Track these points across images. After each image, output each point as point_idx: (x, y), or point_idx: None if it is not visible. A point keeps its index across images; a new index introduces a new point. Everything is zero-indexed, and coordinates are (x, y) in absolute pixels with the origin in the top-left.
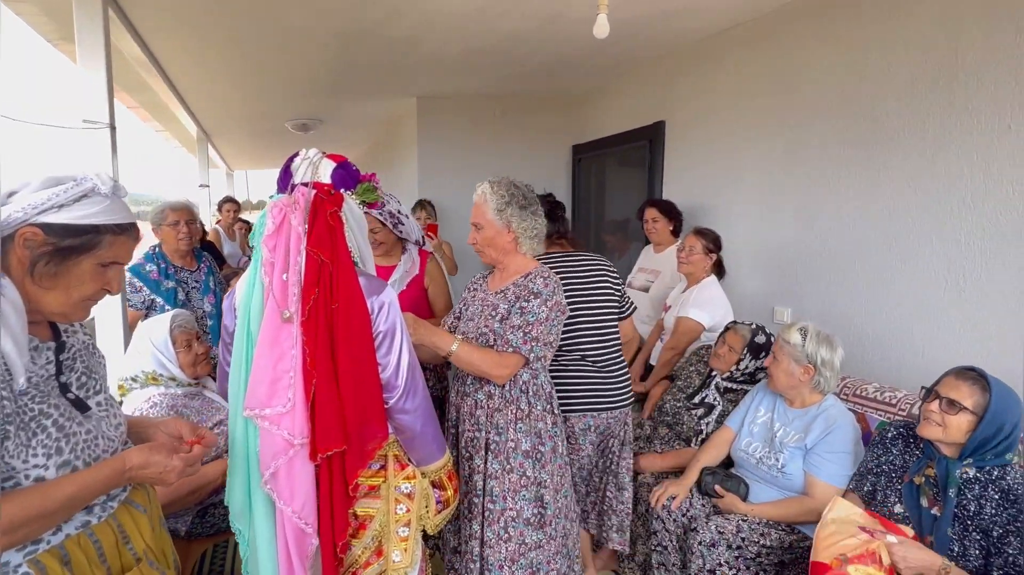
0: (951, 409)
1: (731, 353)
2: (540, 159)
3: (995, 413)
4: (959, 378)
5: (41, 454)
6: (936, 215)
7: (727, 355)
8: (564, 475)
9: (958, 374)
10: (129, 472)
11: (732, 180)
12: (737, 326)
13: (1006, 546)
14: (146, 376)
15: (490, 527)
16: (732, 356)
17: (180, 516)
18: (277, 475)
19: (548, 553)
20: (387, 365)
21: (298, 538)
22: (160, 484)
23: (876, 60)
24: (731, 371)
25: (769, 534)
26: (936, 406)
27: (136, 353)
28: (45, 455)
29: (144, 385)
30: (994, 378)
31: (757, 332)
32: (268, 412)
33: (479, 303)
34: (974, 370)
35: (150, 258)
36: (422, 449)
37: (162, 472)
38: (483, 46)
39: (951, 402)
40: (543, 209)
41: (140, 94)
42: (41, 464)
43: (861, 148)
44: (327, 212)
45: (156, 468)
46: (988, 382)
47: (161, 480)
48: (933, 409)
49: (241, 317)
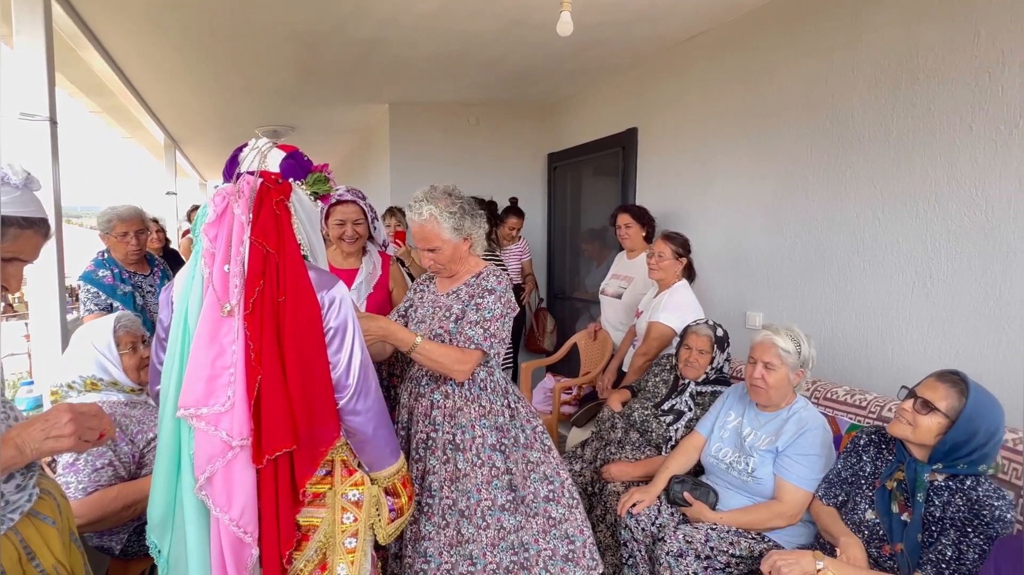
0: (923, 409)
1: (702, 355)
2: (515, 167)
3: (969, 418)
4: (939, 379)
5: None
6: (902, 217)
7: (698, 359)
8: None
9: (939, 376)
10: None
11: (703, 185)
12: (695, 328)
13: (943, 535)
14: (84, 382)
15: (469, 521)
16: (704, 358)
17: (115, 534)
18: (213, 480)
19: (532, 532)
20: (337, 363)
21: (236, 548)
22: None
23: (840, 64)
24: (706, 373)
25: (738, 543)
26: (909, 405)
27: (75, 356)
28: None
29: (82, 392)
30: (977, 385)
31: (715, 327)
32: (205, 411)
33: (429, 305)
34: (957, 374)
35: (100, 264)
36: (374, 453)
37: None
38: (451, 49)
39: (925, 402)
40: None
41: (102, 98)
42: None
43: (827, 152)
44: (273, 201)
45: (38, 429)
46: (968, 386)
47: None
48: (906, 408)
49: (178, 310)
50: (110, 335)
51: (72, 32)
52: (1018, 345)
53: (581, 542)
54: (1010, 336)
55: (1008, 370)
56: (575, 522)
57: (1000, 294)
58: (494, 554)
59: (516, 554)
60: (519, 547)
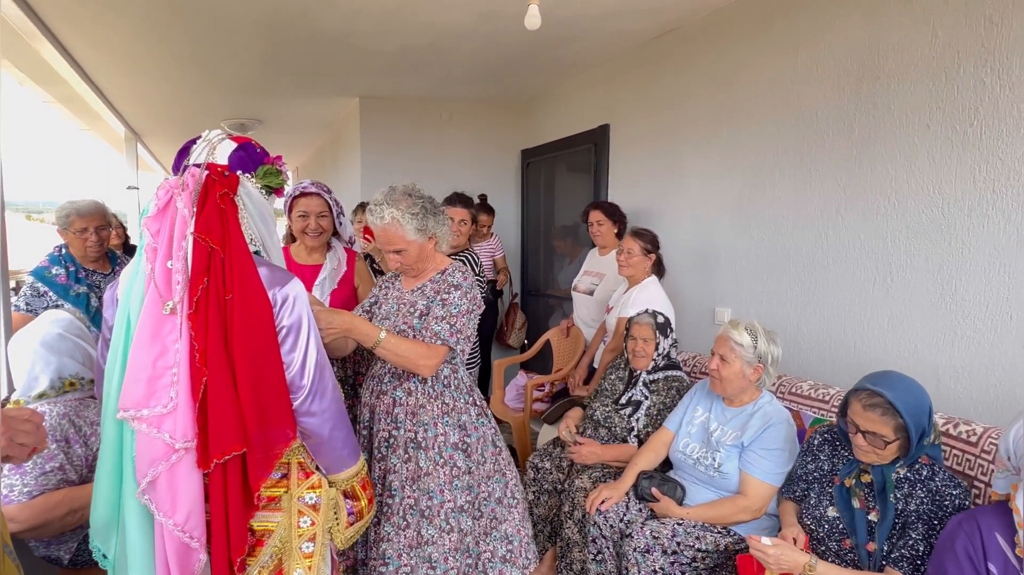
0: (878, 443)
1: (647, 344)
2: (489, 164)
3: (915, 421)
4: (867, 409)
5: None
6: (863, 214)
7: (644, 348)
8: (496, 463)
9: (863, 404)
10: None
11: (674, 183)
12: (637, 319)
13: (911, 529)
14: (64, 382)
15: (430, 523)
16: (649, 346)
17: (63, 542)
18: (156, 484)
19: (476, 535)
20: (291, 363)
21: (181, 554)
22: None
23: (805, 61)
24: (655, 361)
25: (704, 537)
26: (862, 441)
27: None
28: None
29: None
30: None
31: (655, 315)
32: (146, 413)
33: (394, 301)
34: (873, 393)
35: (56, 260)
36: (331, 455)
37: None
38: (420, 43)
39: (874, 436)
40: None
41: (55, 87)
42: None
43: (792, 149)
44: (217, 194)
45: None
46: (888, 401)
47: None
48: (862, 443)
49: (121, 307)
50: (70, 317)
51: (18, 18)
52: (972, 339)
53: (519, 542)
54: (965, 330)
55: (963, 364)
56: (514, 522)
57: (955, 289)
58: (456, 558)
59: (470, 557)
60: (473, 551)
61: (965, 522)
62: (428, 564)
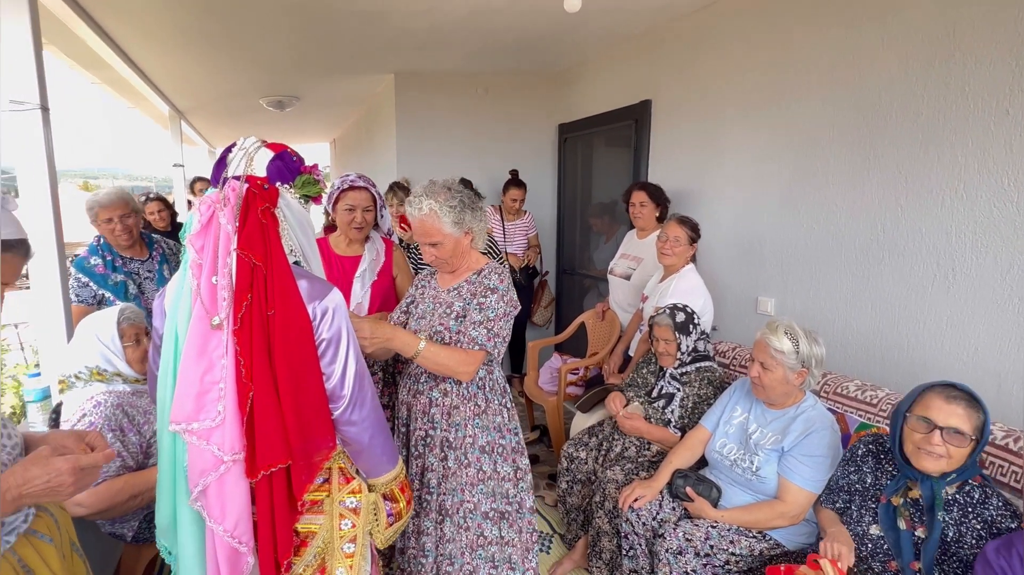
0: (957, 440)
1: (669, 344)
2: (525, 139)
3: (988, 429)
4: (949, 401)
5: None
6: (926, 205)
7: (667, 348)
8: (527, 470)
9: (946, 396)
10: (9, 494)
11: (718, 163)
12: (656, 320)
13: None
14: (90, 372)
15: (449, 519)
16: (671, 346)
17: (125, 521)
18: (207, 492)
19: (520, 552)
20: (331, 375)
21: (231, 558)
22: (57, 496)
23: (869, 38)
24: (679, 359)
25: (739, 541)
26: (939, 438)
27: (80, 347)
28: None
29: (88, 382)
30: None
31: (675, 313)
32: (196, 427)
33: (430, 300)
34: (956, 387)
35: (94, 250)
36: (370, 461)
37: (49, 481)
38: (456, 18)
39: (957, 432)
40: None
41: (100, 71)
42: None
43: (850, 131)
44: (259, 209)
45: (39, 480)
46: (974, 397)
47: (55, 491)
48: (937, 442)
49: (169, 322)
50: (114, 328)
51: (62, 9)
52: None
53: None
54: None
55: None
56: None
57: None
58: (472, 558)
59: (496, 568)
60: (501, 561)
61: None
62: (448, 560)
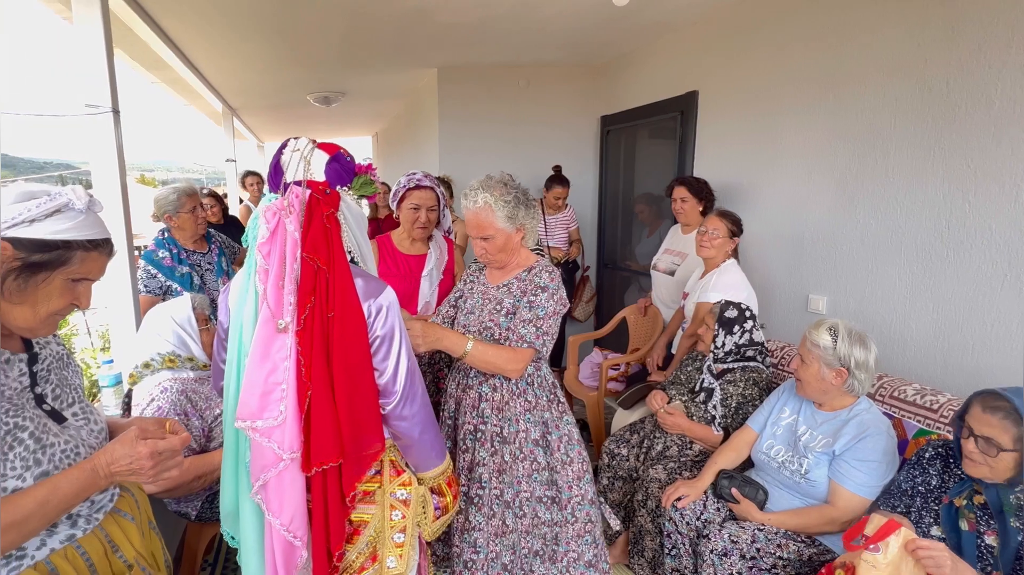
0: (989, 449)
1: (708, 331)
2: (566, 131)
3: None
4: (986, 410)
5: (19, 466)
6: (997, 201)
7: (706, 334)
8: (582, 463)
9: (984, 405)
10: (100, 471)
11: (768, 156)
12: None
13: None
14: (163, 359)
15: (511, 512)
16: (708, 334)
17: (189, 501)
18: (266, 487)
19: (567, 534)
20: (384, 371)
21: (286, 550)
22: (138, 478)
23: (937, 23)
24: (712, 350)
25: (787, 545)
26: (974, 445)
27: (152, 336)
28: (23, 467)
29: (158, 370)
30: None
31: (726, 307)
32: (259, 425)
33: (479, 295)
34: (999, 395)
35: (161, 244)
36: (420, 455)
37: (131, 463)
38: (500, 12)
39: (987, 441)
40: None
41: (161, 72)
42: (18, 475)
43: (914, 123)
44: (323, 215)
45: (124, 460)
46: (1016, 408)
47: (136, 472)
48: (972, 449)
49: (234, 323)
50: (190, 311)
51: (128, 15)
52: None
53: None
54: None
55: None
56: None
57: None
58: (527, 540)
59: (546, 544)
60: (550, 540)
61: None
62: (511, 550)
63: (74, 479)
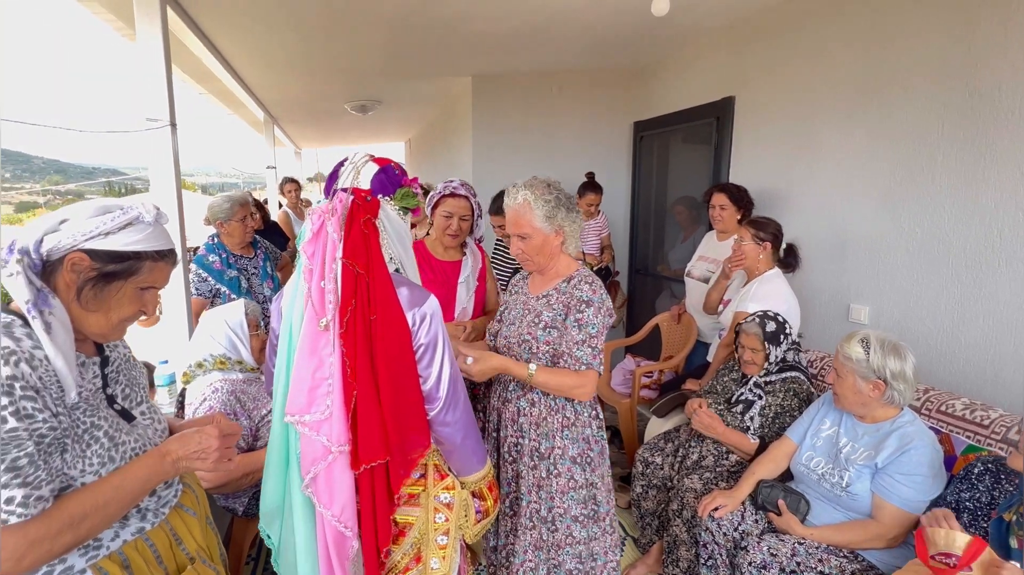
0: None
1: (756, 353)
2: (599, 137)
3: None
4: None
5: (96, 463)
6: None
7: (754, 357)
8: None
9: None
10: (169, 456)
11: (807, 161)
12: (745, 327)
13: None
14: (215, 360)
15: (545, 525)
16: (759, 355)
17: (237, 497)
18: (317, 479)
19: (604, 545)
20: (428, 377)
21: (338, 541)
22: (203, 463)
23: (988, 26)
24: (767, 368)
25: (828, 560)
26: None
27: (206, 337)
28: (100, 463)
29: (209, 370)
30: None
31: (765, 322)
32: (308, 418)
33: (520, 306)
34: None
35: (211, 248)
36: (461, 460)
37: (200, 450)
38: (535, 21)
39: None
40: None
41: (208, 83)
42: (95, 471)
43: (962, 129)
44: (361, 220)
45: (192, 446)
46: None
47: (204, 452)
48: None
49: (285, 321)
50: (242, 316)
51: (183, 32)
52: None
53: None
54: None
55: None
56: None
57: None
58: (558, 555)
59: (582, 563)
60: (587, 557)
61: None
62: (549, 565)
63: (143, 464)
